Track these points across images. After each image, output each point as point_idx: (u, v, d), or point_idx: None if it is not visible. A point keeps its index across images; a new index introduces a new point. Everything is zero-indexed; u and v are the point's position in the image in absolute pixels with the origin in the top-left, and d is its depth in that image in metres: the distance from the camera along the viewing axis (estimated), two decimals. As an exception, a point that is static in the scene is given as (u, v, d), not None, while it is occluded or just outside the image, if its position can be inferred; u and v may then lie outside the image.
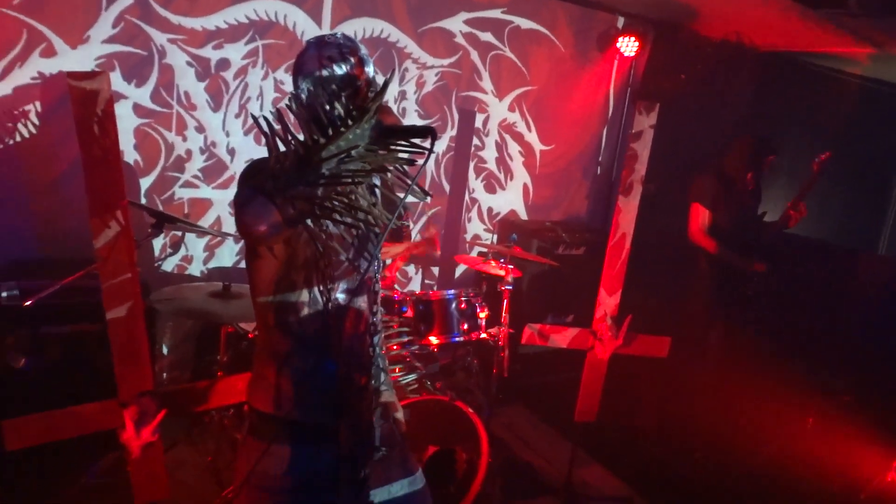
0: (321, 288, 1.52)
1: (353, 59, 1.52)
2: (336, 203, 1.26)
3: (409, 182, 1.30)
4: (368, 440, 1.63)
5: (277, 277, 1.51)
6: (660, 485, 3.38)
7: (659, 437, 3.82)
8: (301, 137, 1.26)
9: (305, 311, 1.53)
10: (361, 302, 1.62)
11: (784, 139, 5.01)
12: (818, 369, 4.07)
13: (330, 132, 1.22)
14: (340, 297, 1.56)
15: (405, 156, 1.29)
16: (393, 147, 1.27)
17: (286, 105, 1.31)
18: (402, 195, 1.33)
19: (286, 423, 1.55)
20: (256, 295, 1.57)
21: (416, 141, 1.30)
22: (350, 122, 1.22)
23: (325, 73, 1.50)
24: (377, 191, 1.54)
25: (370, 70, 1.56)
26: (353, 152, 1.23)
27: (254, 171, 1.42)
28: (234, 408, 2.88)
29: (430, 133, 1.25)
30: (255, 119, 1.30)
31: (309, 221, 1.30)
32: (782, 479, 3.43)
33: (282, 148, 1.27)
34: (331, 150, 1.21)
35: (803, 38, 4.60)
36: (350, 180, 1.24)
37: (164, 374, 3.57)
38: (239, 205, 1.34)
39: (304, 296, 1.52)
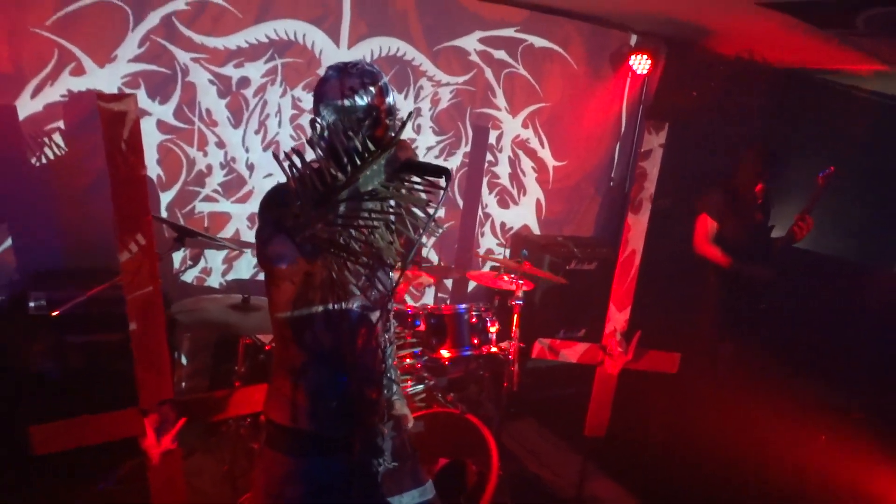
0: (336, 306, 1.59)
1: (373, 90, 1.57)
2: (353, 242, 1.32)
3: (426, 218, 1.34)
4: (380, 452, 1.69)
5: (295, 296, 1.58)
6: (670, 500, 3.39)
7: (669, 452, 3.82)
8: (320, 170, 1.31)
9: (321, 327, 1.60)
10: (374, 318, 1.68)
11: (797, 156, 5.03)
12: (830, 386, 4.06)
13: (348, 169, 1.27)
14: (354, 313, 1.62)
15: (421, 195, 1.33)
16: (408, 183, 1.32)
17: (310, 138, 1.37)
18: (418, 234, 1.36)
19: (301, 434, 1.62)
20: (274, 311, 1.64)
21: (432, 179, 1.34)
22: (368, 156, 1.27)
23: (346, 102, 1.55)
24: (392, 226, 1.59)
25: (390, 99, 1.61)
26: (371, 188, 1.28)
27: (273, 200, 1.50)
28: (250, 417, 2.95)
29: (444, 173, 1.29)
30: (276, 158, 1.35)
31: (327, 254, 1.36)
32: (794, 496, 3.43)
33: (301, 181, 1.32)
34: (349, 190, 1.26)
35: (814, 56, 4.64)
36: (366, 221, 1.29)
37: (183, 384, 3.65)
38: (261, 241, 1.42)
39: (320, 312, 1.59)
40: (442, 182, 1.29)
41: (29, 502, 2.79)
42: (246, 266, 3.93)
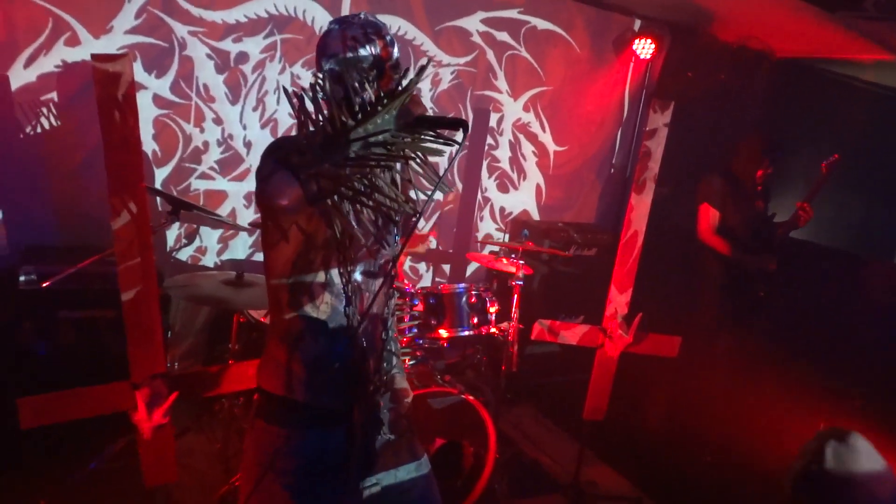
0: (340, 270, 1.53)
1: (378, 41, 1.51)
2: (359, 185, 1.26)
3: (436, 175, 1.27)
4: (378, 424, 1.64)
5: (295, 257, 1.51)
6: (669, 486, 3.36)
7: (668, 438, 3.80)
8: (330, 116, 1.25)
9: (320, 293, 1.54)
10: (377, 286, 1.62)
11: (799, 145, 4.99)
12: (829, 373, 4.03)
13: (359, 115, 1.20)
14: (357, 279, 1.57)
15: (433, 146, 1.26)
16: (421, 137, 1.25)
17: (316, 83, 1.26)
18: (426, 186, 1.29)
19: (296, 404, 1.56)
20: (271, 276, 1.58)
21: (447, 133, 1.28)
22: (380, 107, 1.20)
23: (349, 55, 1.49)
24: (399, 180, 1.53)
25: (395, 52, 1.55)
26: (381, 137, 1.22)
27: (279, 146, 1.44)
28: (244, 395, 2.91)
29: (461, 125, 1.23)
30: (286, 93, 1.29)
31: (331, 201, 1.30)
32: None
33: (310, 125, 1.26)
34: (359, 132, 1.19)
35: (818, 43, 4.59)
36: (376, 164, 1.22)
37: (176, 364, 3.61)
38: (262, 177, 1.36)
39: (321, 277, 1.53)
40: (459, 136, 1.22)
41: (20, 481, 2.74)
42: (241, 246, 3.87)
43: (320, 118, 1.22)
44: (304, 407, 1.56)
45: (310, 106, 1.23)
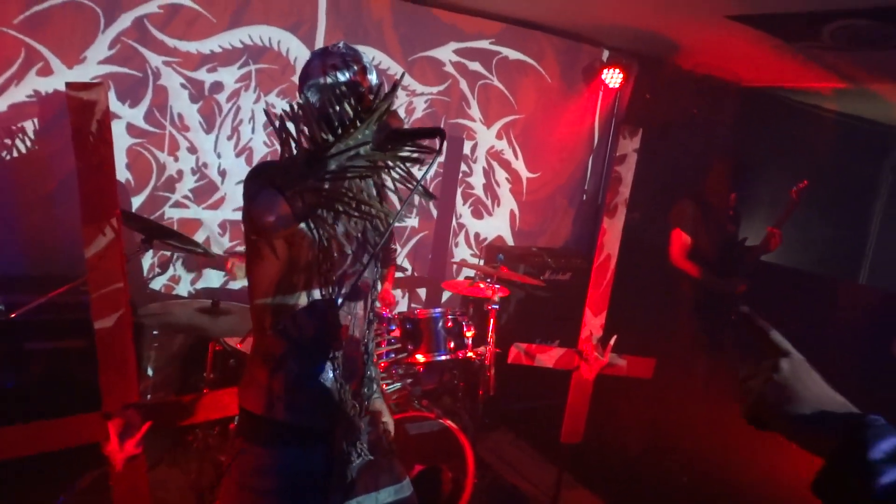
0: (321, 291, 1.54)
1: (355, 67, 1.58)
2: (342, 197, 1.31)
3: (417, 183, 1.31)
4: (357, 446, 1.64)
5: (278, 279, 1.53)
6: (646, 509, 3.37)
7: (646, 461, 3.81)
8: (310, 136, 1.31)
9: (303, 315, 1.55)
10: (358, 308, 1.64)
11: (766, 170, 5.15)
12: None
13: (339, 130, 1.26)
14: (338, 302, 1.58)
15: (412, 155, 1.32)
16: (400, 148, 1.31)
17: (294, 105, 1.34)
18: (407, 196, 1.34)
19: (276, 423, 1.56)
20: (255, 297, 1.59)
21: (426, 142, 1.33)
22: (358, 123, 1.26)
23: (328, 80, 1.55)
24: (383, 192, 1.58)
25: (373, 78, 1.62)
26: (360, 150, 1.27)
27: (263, 169, 1.47)
28: (218, 425, 2.86)
29: (438, 133, 1.27)
30: (267, 115, 1.36)
31: (316, 214, 1.36)
32: (769, 501, 3.43)
33: (293, 145, 1.32)
34: (339, 146, 1.25)
35: (780, 73, 4.77)
36: (357, 175, 1.28)
37: (149, 395, 3.54)
38: (249, 196, 1.39)
39: (303, 299, 1.54)
40: (436, 143, 1.26)
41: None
42: (216, 274, 3.84)
43: (301, 137, 1.27)
44: (284, 426, 1.56)
45: (291, 126, 1.28)
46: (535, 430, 4.05)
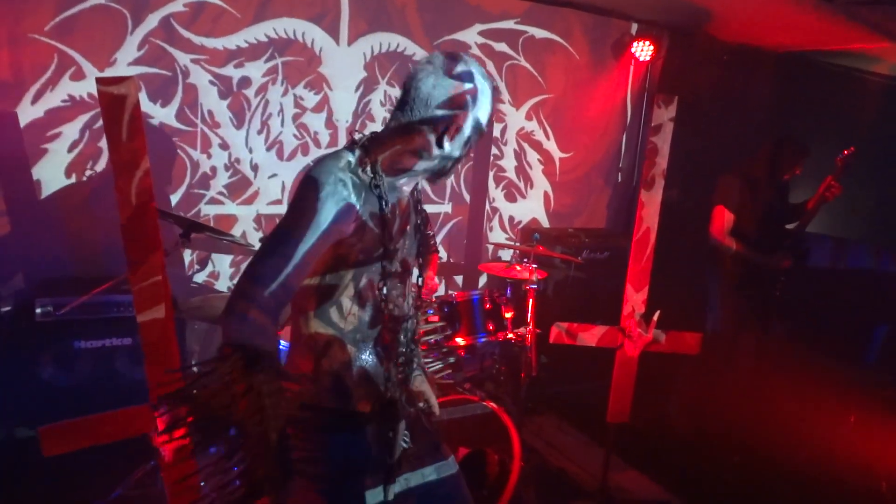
0: (367, 278, 1.53)
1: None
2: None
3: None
4: (402, 427, 1.62)
5: (323, 269, 1.51)
6: (698, 489, 3.29)
7: (694, 440, 3.73)
8: None
9: (347, 304, 1.53)
10: (402, 293, 1.63)
11: (807, 140, 4.97)
12: (857, 365, 3.96)
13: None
14: (385, 293, 1.57)
15: None
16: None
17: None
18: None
19: (323, 411, 1.56)
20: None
21: None
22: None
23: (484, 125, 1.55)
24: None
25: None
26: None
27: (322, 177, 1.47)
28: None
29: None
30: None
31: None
32: (825, 479, 3.33)
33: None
34: None
35: (818, 36, 4.58)
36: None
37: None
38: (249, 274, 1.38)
39: (349, 290, 1.53)
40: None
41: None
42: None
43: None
44: (331, 412, 1.56)
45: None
46: (579, 414, 3.99)
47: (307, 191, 1.43)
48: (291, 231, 1.39)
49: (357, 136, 1.57)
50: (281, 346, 1.51)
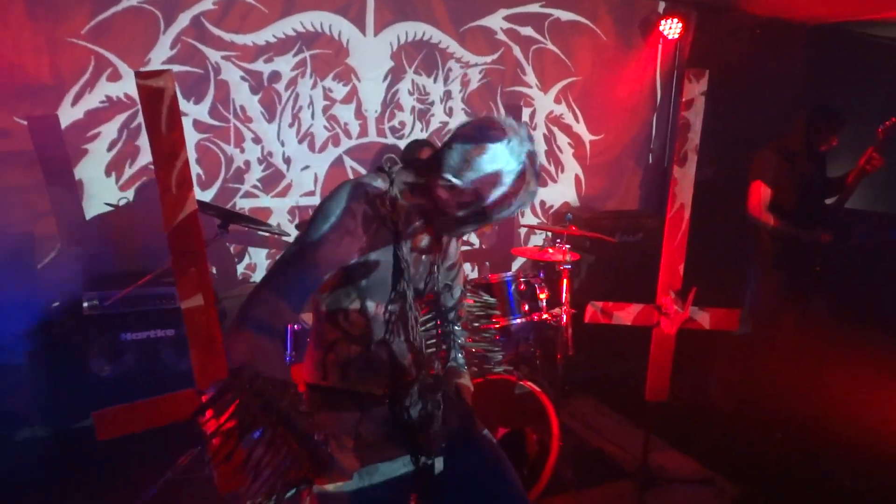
0: (379, 309, 1.57)
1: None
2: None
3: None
4: (417, 407, 1.65)
5: (335, 284, 1.55)
6: (741, 466, 3.25)
7: (737, 418, 3.68)
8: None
9: (355, 315, 1.56)
10: (410, 312, 1.64)
11: (843, 113, 4.84)
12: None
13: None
14: (391, 308, 1.59)
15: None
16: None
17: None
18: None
19: (330, 391, 1.60)
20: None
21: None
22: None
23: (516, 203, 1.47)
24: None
25: None
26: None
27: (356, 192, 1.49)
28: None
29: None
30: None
31: None
32: (868, 455, 3.26)
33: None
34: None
35: (851, 5, 4.45)
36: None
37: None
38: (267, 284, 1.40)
39: (356, 304, 1.56)
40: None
41: (94, 499, 2.82)
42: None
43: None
44: (338, 392, 1.60)
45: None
46: (617, 396, 3.97)
47: (316, 220, 1.45)
48: (293, 263, 1.43)
49: (386, 163, 1.57)
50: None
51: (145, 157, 3.43)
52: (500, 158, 1.40)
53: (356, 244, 1.47)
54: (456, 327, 1.91)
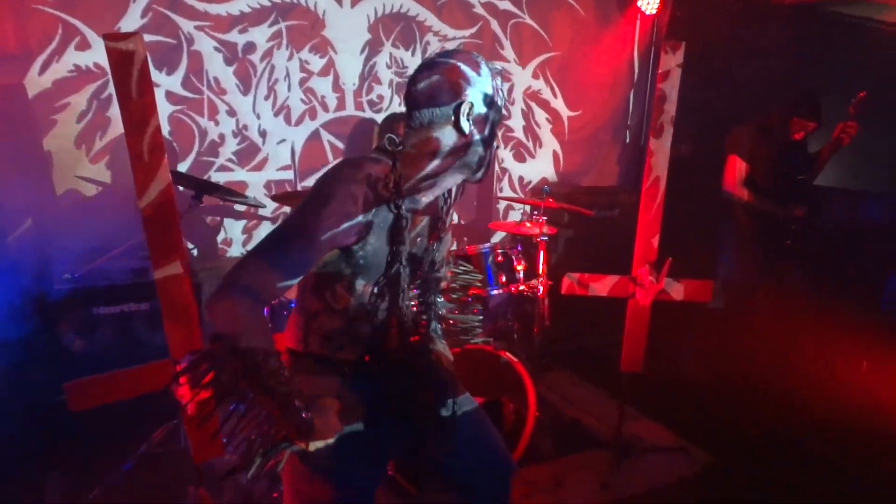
0: (367, 289, 1.57)
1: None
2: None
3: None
4: (399, 374, 1.65)
5: (326, 260, 1.53)
6: (713, 435, 3.32)
7: (712, 390, 3.75)
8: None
9: (341, 291, 1.56)
10: (402, 294, 1.63)
11: (822, 96, 4.88)
12: (871, 313, 3.95)
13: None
14: (379, 287, 1.58)
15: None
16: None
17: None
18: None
19: (311, 356, 1.60)
20: None
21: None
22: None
23: (498, 101, 1.58)
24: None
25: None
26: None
27: (325, 193, 1.47)
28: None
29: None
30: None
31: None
32: (838, 425, 3.35)
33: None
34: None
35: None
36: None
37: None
38: (257, 255, 1.42)
39: (345, 282, 1.55)
40: None
41: (71, 473, 2.80)
42: (266, 234, 3.90)
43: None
44: (318, 357, 1.60)
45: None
46: (593, 369, 4.03)
47: (315, 200, 1.43)
48: (288, 239, 1.42)
49: (388, 143, 1.55)
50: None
51: (116, 128, 3.36)
52: (451, 62, 1.52)
53: (354, 228, 1.46)
54: (438, 298, 1.91)
